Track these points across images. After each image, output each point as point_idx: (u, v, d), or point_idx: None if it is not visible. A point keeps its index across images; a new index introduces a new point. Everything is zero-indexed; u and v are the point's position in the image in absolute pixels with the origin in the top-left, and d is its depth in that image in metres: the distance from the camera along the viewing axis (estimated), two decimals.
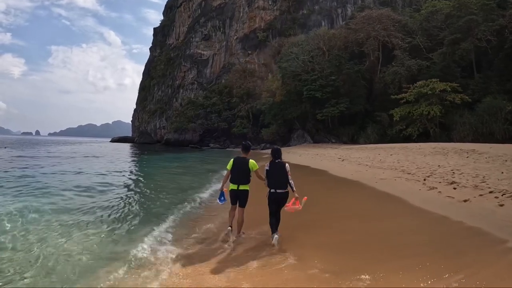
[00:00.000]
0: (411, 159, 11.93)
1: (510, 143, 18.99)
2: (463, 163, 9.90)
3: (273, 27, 67.81)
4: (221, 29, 78.25)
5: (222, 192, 5.05)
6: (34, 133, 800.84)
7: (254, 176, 4.92)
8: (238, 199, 4.90)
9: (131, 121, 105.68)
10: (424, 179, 7.73)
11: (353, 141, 35.15)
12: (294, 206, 4.48)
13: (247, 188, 4.90)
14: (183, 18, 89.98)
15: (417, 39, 34.25)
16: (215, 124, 62.45)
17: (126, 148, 49.19)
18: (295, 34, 56.54)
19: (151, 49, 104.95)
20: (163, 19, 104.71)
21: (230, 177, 4.94)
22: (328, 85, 36.31)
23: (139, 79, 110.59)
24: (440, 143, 18.70)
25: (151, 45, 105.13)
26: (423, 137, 27.24)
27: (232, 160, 4.96)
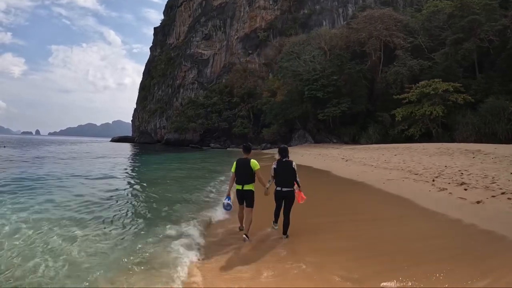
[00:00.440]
0: (416, 160, 11.80)
1: None
2: (470, 164, 9.78)
3: (274, 27, 67.69)
4: (222, 29, 78.10)
5: (228, 197, 5.09)
6: (34, 133, 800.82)
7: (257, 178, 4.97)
8: (244, 199, 5.01)
9: (131, 121, 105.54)
10: (432, 180, 7.60)
11: (355, 141, 35.02)
12: (302, 198, 4.83)
13: (252, 188, 4.97)
14: (183, 17, 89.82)
15: (419, 39, 34.11)
16: (215, 124, 62.28)
17: (125, 148, 49.01)
18: (296, 34, 56.39)
19: (151, 48, 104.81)
20: (163, 18, 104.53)
21: (235, 179, 5.04)
22: (329, 85, 36.18)
23: (139, 79, 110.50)
24: (444, 143, 18.56)
25: (152, 45, 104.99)
26: (425, 137, 27.10)
27: (235, 162, 5.10)
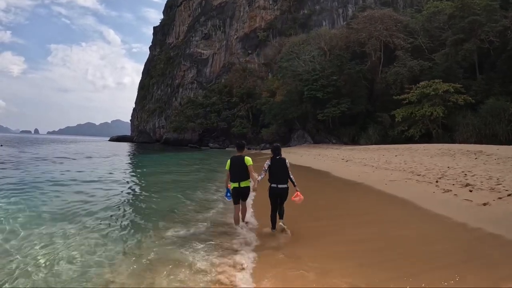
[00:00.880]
0: (417, 160, 11.62)
1: None
2: (473, 165, 9.60)
3: (274, 27, 67.55)
4: (221, 28, 77.89)
5: (228, 189, 5.33)
6: (33, 132, 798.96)
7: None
8: (240, 196, 5.23)
9: (130, 120, 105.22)
10: (436, 181, 7.41)
11: (354, 141, 34.86)
12: (299, 197, 4.81)
13: (248, 184, 5.18)
14: (183, 17, 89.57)
15: (419, 39, 34.00)
16: (214, 123, 62.03)
17: (124, 147, 48.70)
18: (295, 34, 56.24)
19: (150, 48, 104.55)
20: (163, 18, 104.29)
21: (230, 176, 5.21)
22: (329, 85, 36.02)
23: (138, 78, 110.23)
24: (445, 144, 18.40)
25: (151, 44, 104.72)
26: (425, 138, 26.97)
27: (229, 160, 5.23)
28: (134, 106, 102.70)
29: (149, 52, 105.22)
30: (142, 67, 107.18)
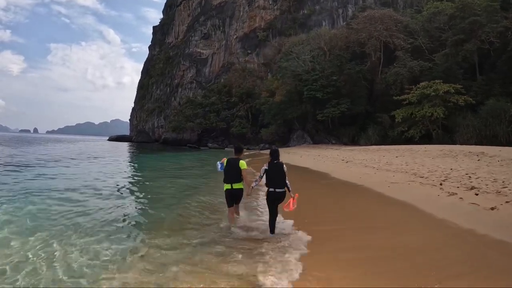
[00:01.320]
0: (419, 162, 11.43)
1: None
2: (476, 167, 9.42)
3: (273, 27, 67.40)
4: (221, 28, 77.66)
5: (221, 162, 5.33)
6: (32, 131, 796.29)
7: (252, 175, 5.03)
8: (234, 199, 5.26)
9: (129, 120, 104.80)
10: (440, 184, 7.22)
11: (354, 142, 34.71)
12: (293, 206, 4.76)
13: (241, 186, 5.20)
14: (182, 16, 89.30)
15: (419, 40, 33.87)
16: (213, 123, 61.78)
17: (121, 148, 48.36)
18: (295, 34, 56.08)
19: (150, 47, 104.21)
20: (162, 17, 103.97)
21: (224, 177, 5.25)
22: (329, 85, 35.86)
23: (138, 78, 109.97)
24: (446, 145, 18.23)
25: (150, 44, 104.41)
26: (425, 139, 26.83)
27: (226, 159, 5.32)
28: (133, 105, 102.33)
29: (148, 51, 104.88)
30: (141, 66, 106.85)
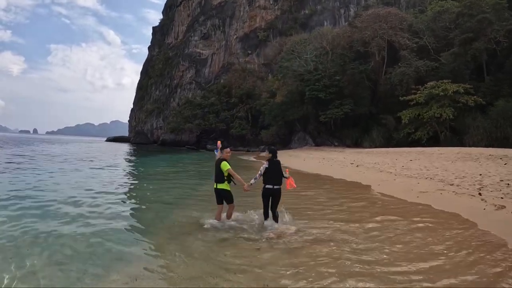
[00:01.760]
0: (439, 166, 10.39)
1: None
2: (508, 172, 8.40)
3: (274, 27, 66.55)
4: (221, 28, 76.75)
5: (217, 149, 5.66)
6: (31, 131, 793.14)
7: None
8: (221, 198, 5.30)
9: (128, 121, 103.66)
10: (479, 193, 6.19)
11: (357, 144, 33.73)
12: (291, 185, 5.22)
13: (224, 187, 5.22)
14: (182, 17, 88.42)
15: (425, 39, 33.00)
16: (212, 124, 60.67)
17: (118, 149, 47.22)
18: (296, 34, 55.21)
19: (149, 48, 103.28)
20: (162, 18, 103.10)
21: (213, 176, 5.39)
22: (332, 85, 34.89)
23: (138, 79, 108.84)
24: (462, 148, 17.22)
25: (150, 44, 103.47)
26: (432, 141, 25.91)
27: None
28: (132, 106, 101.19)
29: (148, 52, 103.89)
30: (141, 68, 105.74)
